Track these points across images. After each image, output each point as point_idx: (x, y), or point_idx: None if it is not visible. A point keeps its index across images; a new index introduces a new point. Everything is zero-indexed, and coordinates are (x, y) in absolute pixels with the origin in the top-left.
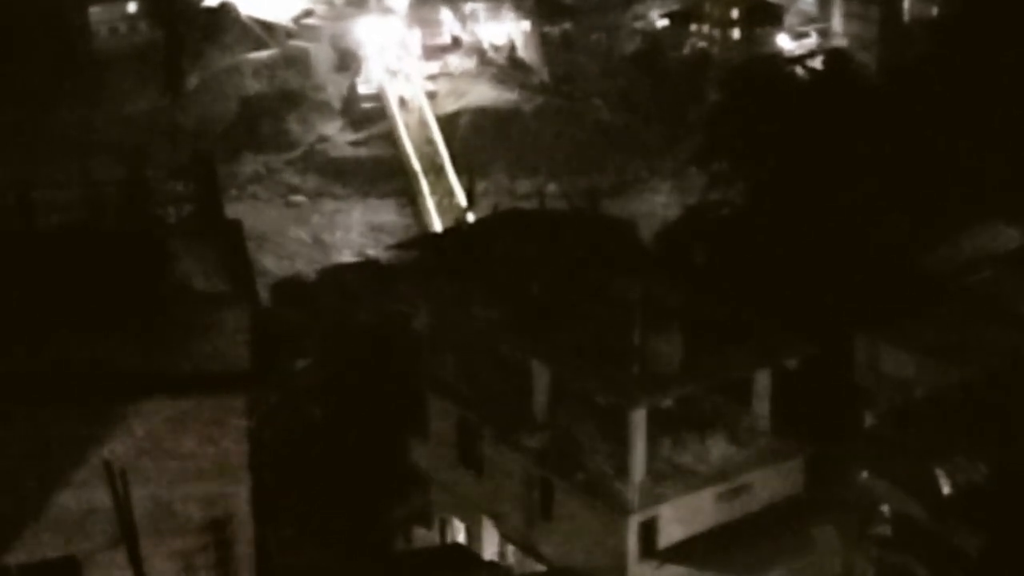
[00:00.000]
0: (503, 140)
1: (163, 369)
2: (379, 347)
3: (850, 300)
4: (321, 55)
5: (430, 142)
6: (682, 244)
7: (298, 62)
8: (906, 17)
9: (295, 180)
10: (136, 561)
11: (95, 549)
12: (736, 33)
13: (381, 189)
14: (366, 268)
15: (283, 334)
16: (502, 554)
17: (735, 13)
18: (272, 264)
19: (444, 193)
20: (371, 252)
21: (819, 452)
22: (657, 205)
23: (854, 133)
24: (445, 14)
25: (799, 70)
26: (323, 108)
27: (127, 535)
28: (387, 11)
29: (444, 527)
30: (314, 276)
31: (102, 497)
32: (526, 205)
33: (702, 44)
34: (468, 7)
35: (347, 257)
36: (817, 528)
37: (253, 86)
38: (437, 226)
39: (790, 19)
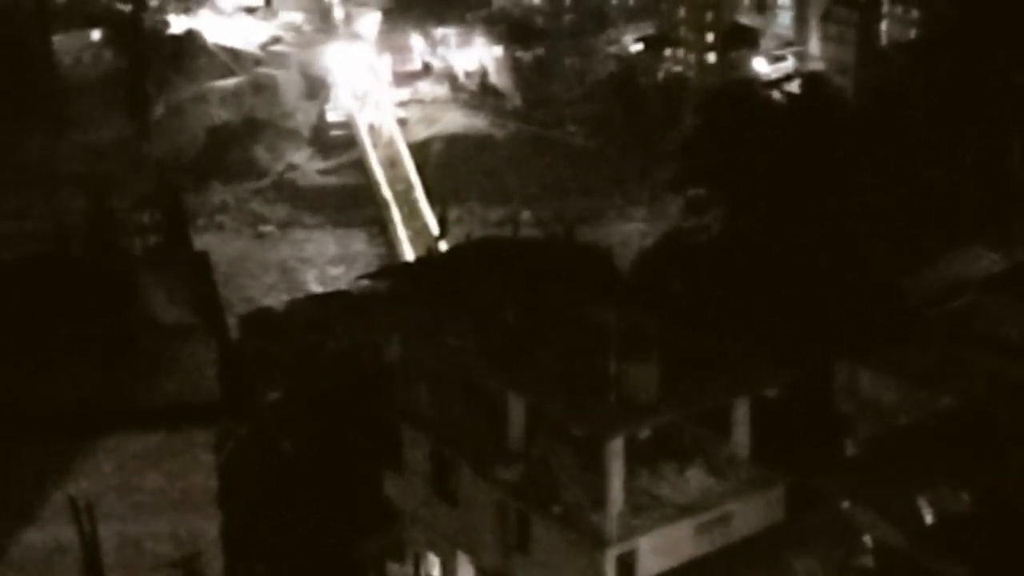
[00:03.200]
0: (476, 167)
1: (130, 403)
2: (351, 379)
3: (830, 326)
4: (289, 82)
5: (401, 170)
6: (658, 271)
7: (266, 90)
8: (884, 40)
9: (264, 210)
10: None
11: None
12: (711, 57)
13: (351, 218)
14: (337, 299)
15: (253, 366)
16: None
17: (710, 37)
18: (241, 295)
19: (416, 222)
20: (342, 282)
21: (799, 481)
22: (633, 232)
23: (832, 158)
24: (415, 40)
25: (776, 94)
26: (292, 136)
27: (94, 573)
28: (356, 37)
29: (418, 561)
30: (284, 307)
31: (69, 534)
32: (500, 233)
33: (677, 68)
34: (439, 32)
35: (317, 288)
36: (798, 559)
37: (220, 114)
38: (409, 255)
39: (766, 43)
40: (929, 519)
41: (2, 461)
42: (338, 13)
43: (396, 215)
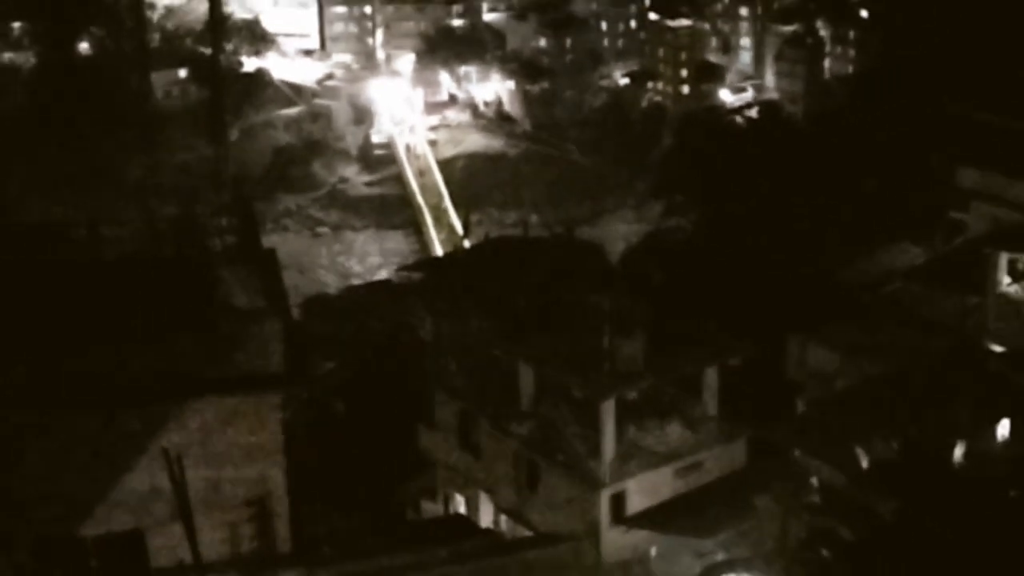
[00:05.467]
0: (493, 179)
1: (212, 373)
2: (391, 352)
3: (783, 308)
4: (341, 111)
5: (432, 182)
6: (643, 264)
7: (321, 117)
8: (827, 75)
9: (320, 215)
10: (191, 532)
11: (157, 523)
12: (685, 89)
13: (392, 221)
14: (380, 287)
15: (311, 342)
16: (496, 522)
17: (684, 73)
18: (302, 285)
19: (444, 224)
20: (384, 274)
21: (759, 434)
22: (622, 231)
23: (785, 170)
24: (443, 76)
25: (738, 119)
26: (343, 155)
27: (183, 511)
28: (395, 74)
29: (448, 500)
30: (337, 294)
31: (162, 480)
32: (512, 233)
33: (657, 98)
34: (462, 69)
35: (364, 278)
36: (758, 497)
37: (284, 137)
38: (438, 251)
39: (730, 77)
40: (864, 464)
41: (109, 421)
42: (380, 54)
43: (428, 219)
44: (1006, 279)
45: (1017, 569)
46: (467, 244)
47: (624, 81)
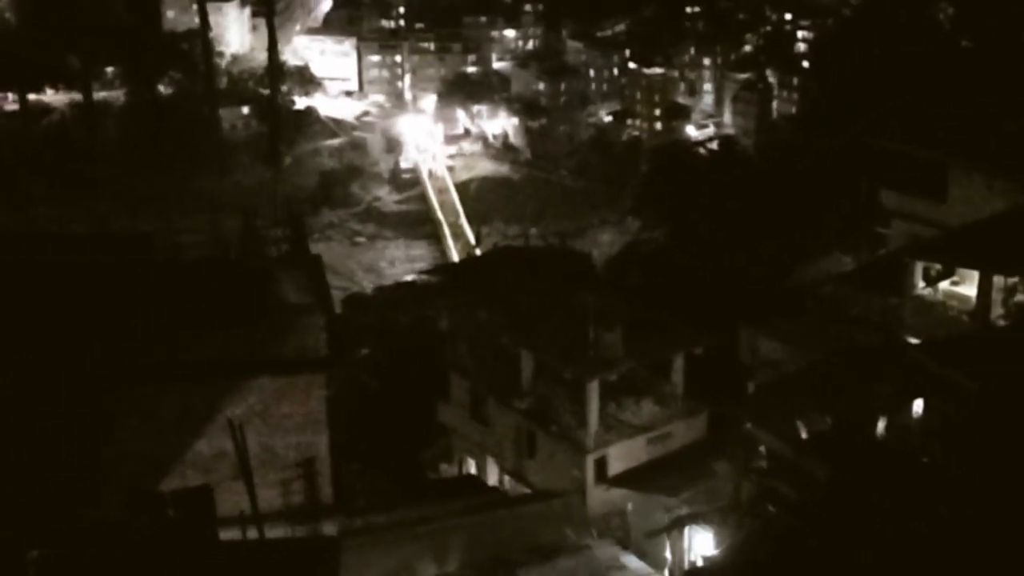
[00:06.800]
0: (499, 199)
1: (269, 356)
2: (415, 340)
3: (738, 306)
4: (375, 142)
5: (449, 200)
6: (623, 269)
7: (359, 147)
8: (775, 114)
9: (358, 227)
10: (250, 488)
11: (222, 480)
12: (658, 125)
13: (416, 233)
14: (406, 287)
15: (350, 332)
16: (501, 481)
17: (657, 112)
18: (343, 284)
19: (459, 235)
20: (409, 276)
21: (717, 410)
22: (605, 242)
23: (739, 193)
24: (460, 113)
25: (701, 150)
26: (377, 178)
27: (244, 470)
28: (420, 111)
29: (461, 463)
30: (371, 292)
31: (227, 444)
32: (515, 243)
33: (635, 133)
34: (475, 108)
35: (393, 279)
36: (716, 462)
37: (328, 163)
38: (454, 258)
39: (695, 115)
40: (804, 435)
41: (182, 395)
42: (408, 95)
43: (446, 231)
44: (921, 283)
45: (928, 523)
46: (478, 252)
47: (608, 119)
